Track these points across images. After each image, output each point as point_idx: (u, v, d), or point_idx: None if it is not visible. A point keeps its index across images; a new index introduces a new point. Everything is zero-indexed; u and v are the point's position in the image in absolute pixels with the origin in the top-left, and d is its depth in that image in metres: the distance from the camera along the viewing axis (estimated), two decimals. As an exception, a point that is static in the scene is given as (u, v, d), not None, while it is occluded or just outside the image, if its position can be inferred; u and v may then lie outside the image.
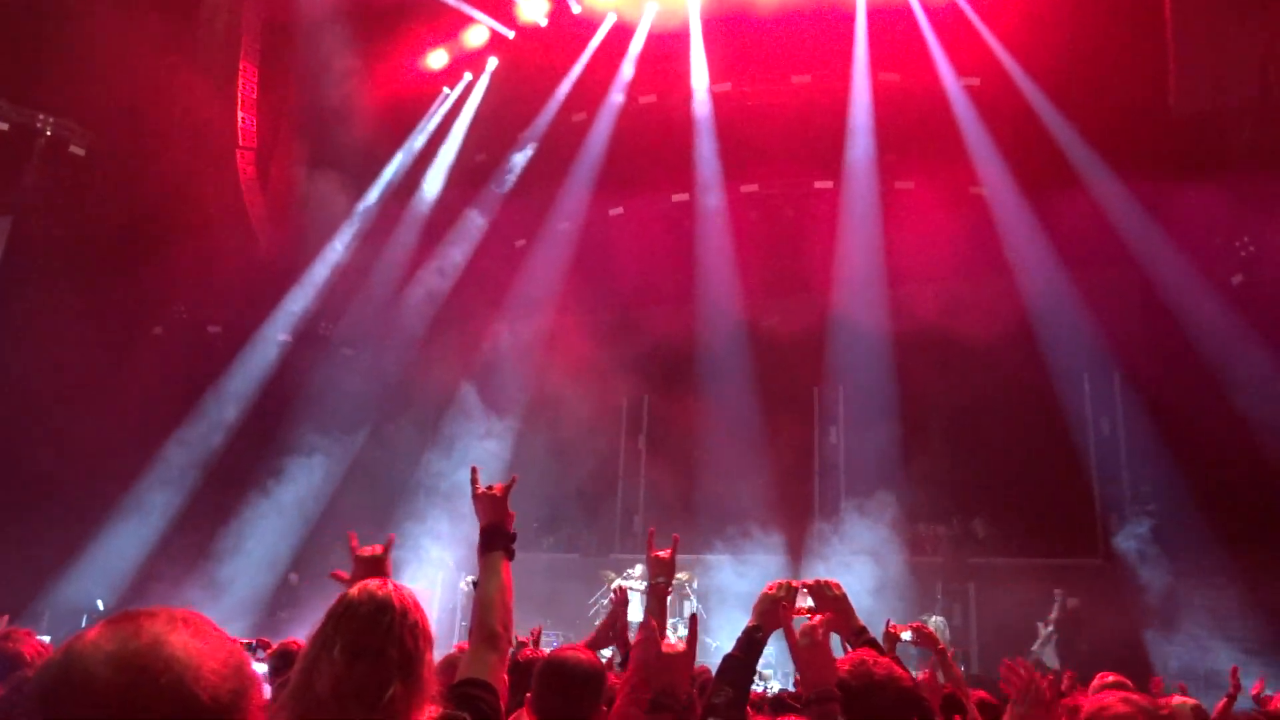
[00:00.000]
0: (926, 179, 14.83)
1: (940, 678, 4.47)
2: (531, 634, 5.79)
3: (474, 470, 2.82)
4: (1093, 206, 13.60)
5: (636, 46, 16.57)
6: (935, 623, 12.78)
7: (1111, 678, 4.67)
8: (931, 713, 2.78)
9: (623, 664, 3.42)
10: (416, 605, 2.01)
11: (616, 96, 16.70)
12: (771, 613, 3.04)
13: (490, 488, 2.75)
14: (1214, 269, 13.16)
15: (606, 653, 5.01)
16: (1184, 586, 12.62)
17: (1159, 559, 13.17)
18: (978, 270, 14.83)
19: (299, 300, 17.47)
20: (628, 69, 16.62)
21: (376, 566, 2.86)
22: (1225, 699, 5.59)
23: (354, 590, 2.00)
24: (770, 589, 3.01)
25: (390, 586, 2.00)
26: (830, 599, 3.50)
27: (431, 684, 1.98)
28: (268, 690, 4.91)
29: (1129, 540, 13.66)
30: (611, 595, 5.05)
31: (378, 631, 1.91)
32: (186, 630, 0.95)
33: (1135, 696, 2.15)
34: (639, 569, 14.94)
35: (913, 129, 15.06)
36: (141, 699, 0.89)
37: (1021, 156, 14.42)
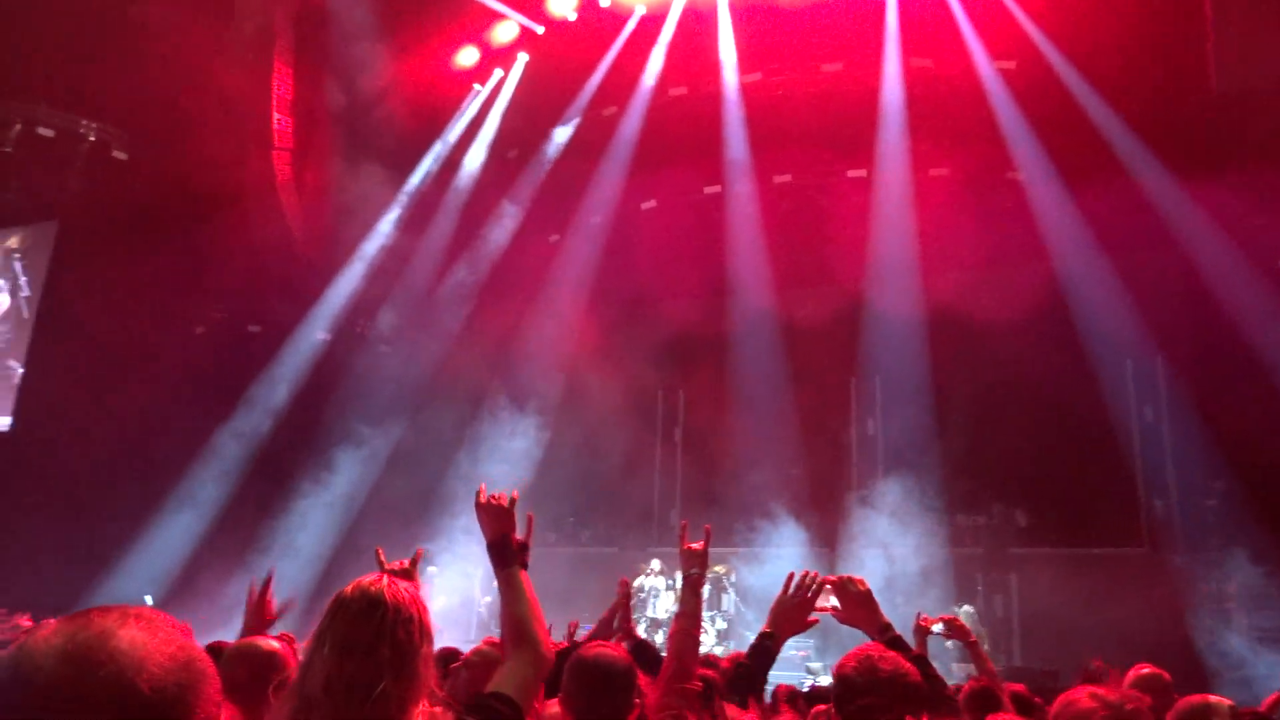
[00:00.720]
0: (961, 165, 14.64)
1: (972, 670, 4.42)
2: (569, 628, 5.82)
3: (481, 487, 2.75)
4: (1132, 189, 13.32)
5: (665, 38, 16.51)
6: (965, 613, 12.65)
7: (1146, 670, 4.54)
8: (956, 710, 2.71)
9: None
10: (414, 600, 2.01)
11: (646, 89, 16.66)
12: (787, 618, 2.97)
13: (494, 497, 2.67)
14: (1257, 251, 12.83)
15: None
16: (1229, 575, 12.35)
17: (1204, 547, 12.91)
18: (1015, 256, 14.61)
19: (336, 298, 17.69)
20: (657, 61, 16.57)
21: (405, 578, 2.88)
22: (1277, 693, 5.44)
23: (348, 588, 2.01)
24: (784, 592, 2.94)
25: (384, 582, 2.00)
26: (854, 595, 3.44)
27: (427, 680, 1.97)
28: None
29: (1174, 529, 13.43)
30: (616, 588, 5.04)
31: (369, 628, 1.92)
32: (136, 625, 0.97)
33: (1103, 691, 2.09)
34: (656, 564, 14.97)
35: (946, 115, 14.86)
36: (83, 690, 0.90)
37: (1058, 140, 14.16)
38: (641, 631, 12.97)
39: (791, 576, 3.14)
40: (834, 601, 3.42)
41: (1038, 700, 5.05)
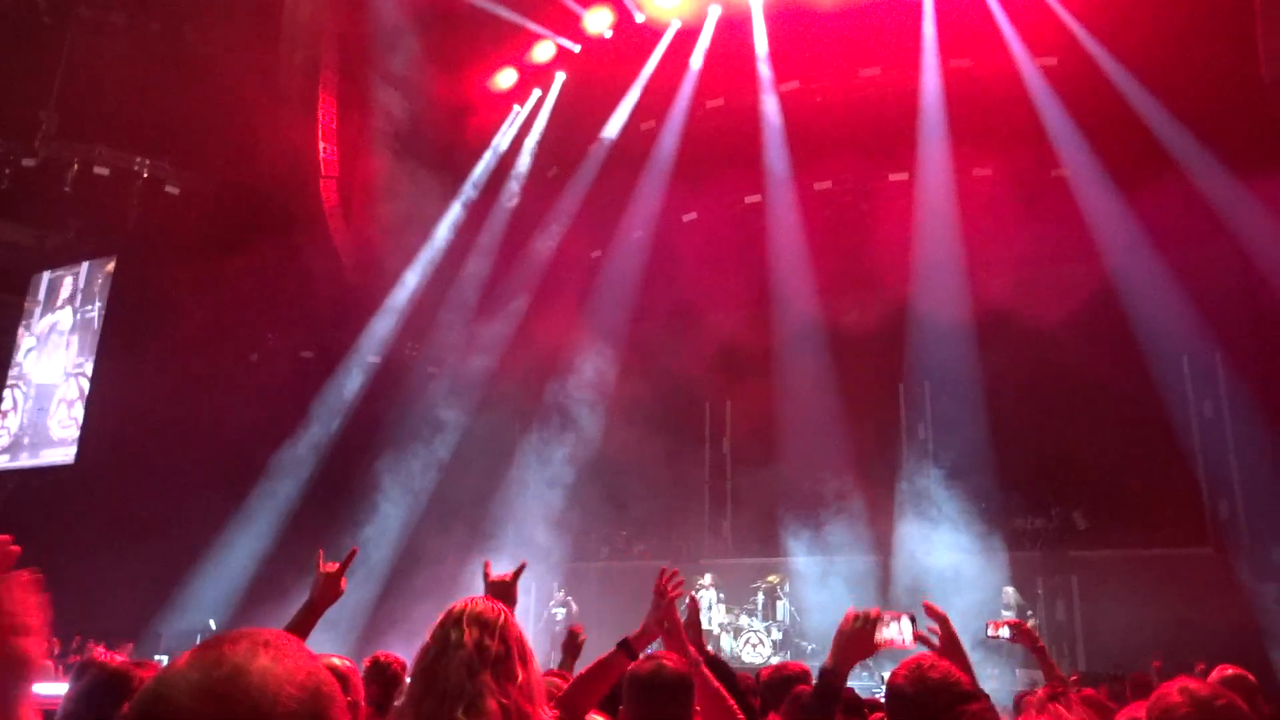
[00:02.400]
0: (1005, 165, 14.46)
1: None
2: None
3: (486, 563, 3.04)
4: (1182, 182, 13.05)
5: (701, 51, 16.56)
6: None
7: (1231, 671, 4.40)
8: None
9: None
10: (509, 616, 2.18)
11: (684, 102, 16.72)
12: (849, 649, 2.89)
13: (502, 578, 2.89)
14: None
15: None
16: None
17: (1271, 545, 12.58)
18: (1063, 255, 14.40)
19: (385, 321, 17.96)
20: (694, 74, 16.63)
21: (506, 591, 2.98)
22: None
23: (455, 607, 2.15)
24: (846, 623, 2.85)
25: (485, 603, 2.18)
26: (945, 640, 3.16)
27: (539, 689, 2.12)
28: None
29: (1238, 527, 13.10)
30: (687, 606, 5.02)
31: (483, 645, 2.07)
32: (266, 656, 0.99)
33: (1194, 685, 2.05)
34: (707, 577, 14.93)
35: (988, 115, 14.69)
36: None
37: (1104, 135, 13.93)
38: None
39: (851, 613, 3.01)
40: (903, 636, 3.18)
41: (1111, 705, 4.96)
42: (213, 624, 14.97)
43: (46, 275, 20.96)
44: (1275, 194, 12.37)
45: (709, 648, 12.87)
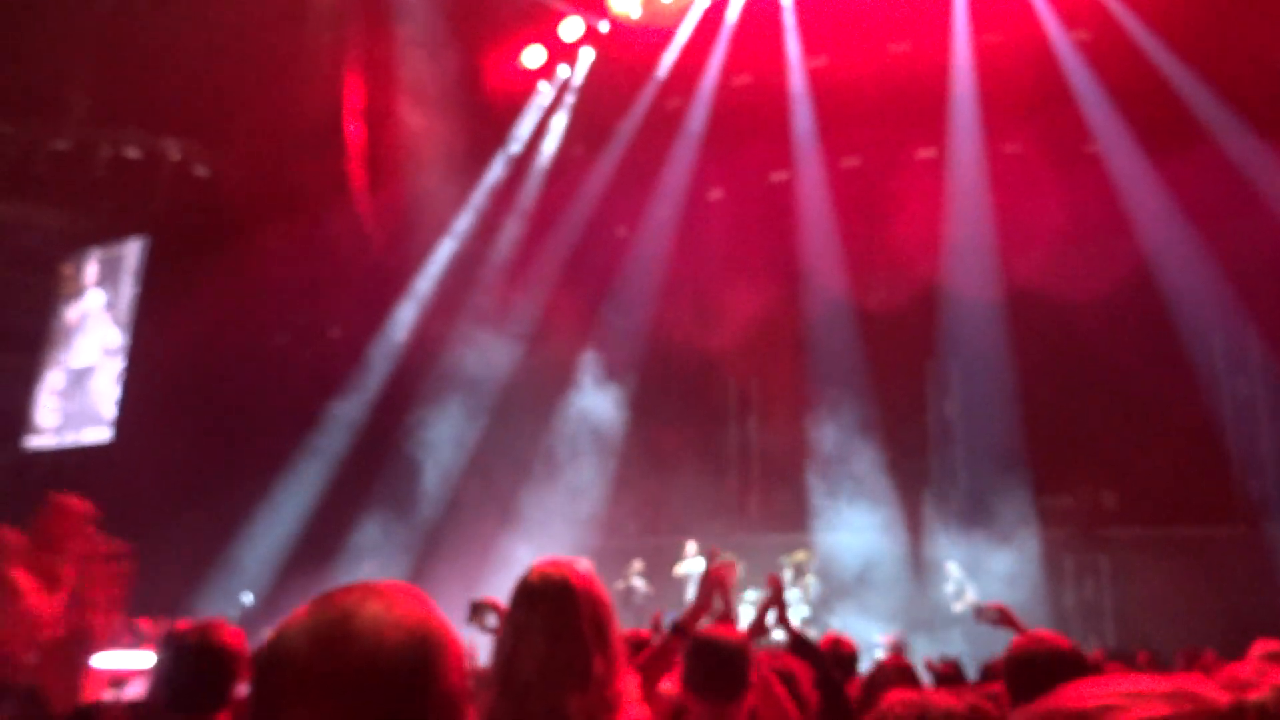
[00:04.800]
0: (1036, 141, 14.31)
1: None
2: (652, 620, 5.87)
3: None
4: (1217, 156, 12.87)
5: (729, 28, 16.47)
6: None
7: (1276, 646, 4.37)
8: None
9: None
10: (591, 578, 2.13)
11: (711, 79, 16.64)
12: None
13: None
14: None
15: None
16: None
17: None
18: (1094, 231, 14.24)
19: (413, 300, 18.06)
20: (721, 51, 16.54)
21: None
22: None
23: (531, 576, 2.11)
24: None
25: (563, 567, 2.11)
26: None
27: (624, 652, 2.09)
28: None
29: (1271, 504, 12.99)
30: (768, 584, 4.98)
31: (568, 611, 2.02)
32: (378, 603, 1.02)
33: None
34: (692, 546, 14.94)
35: (1020, 90, 14.52)
36: (330, 668, 0.97)
37: (1139, 109, 13.75)
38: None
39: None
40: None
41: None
42: (249, 599, 15.19)
43: (87, 256, 21.23)
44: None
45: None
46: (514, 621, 2.05)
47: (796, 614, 14.49)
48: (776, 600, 4.27)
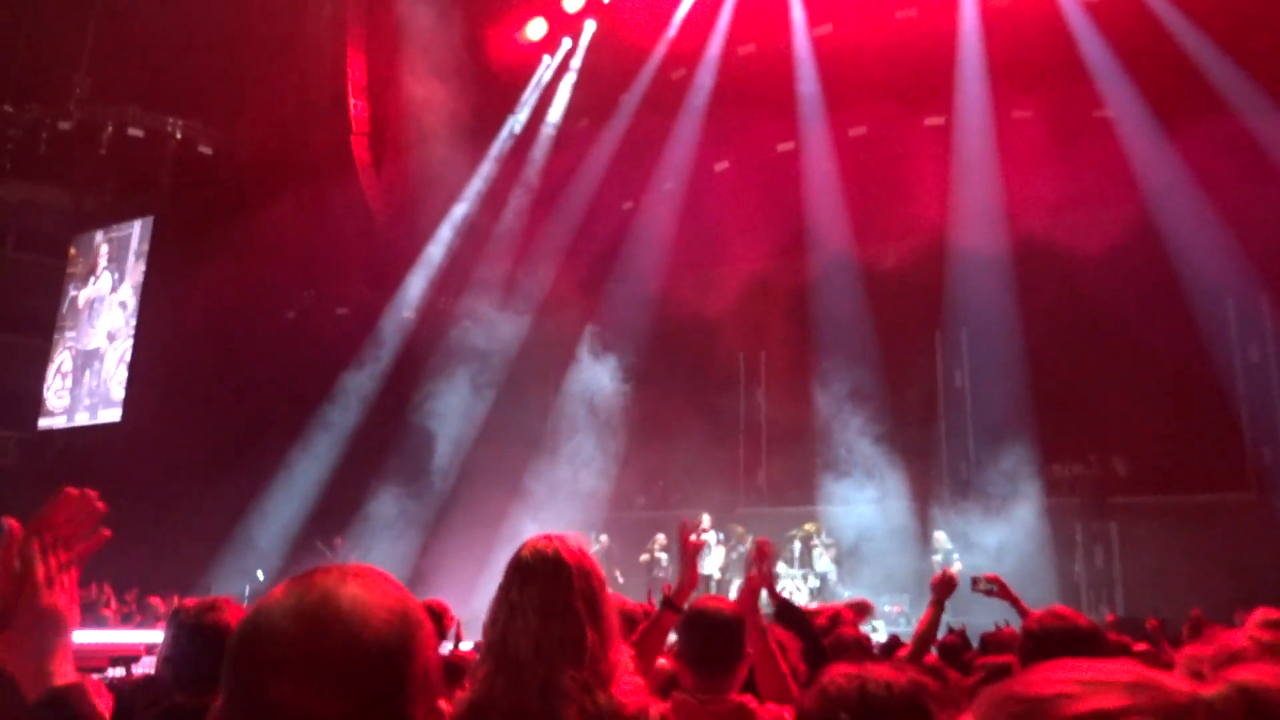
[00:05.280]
0: (1046, 106, 14.14)
1: None
2: (665, 590, 5.85)
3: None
4: (1228, 120, 12.70)
5: (733, -4, 16.30)
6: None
7: (1278, 614, 4.35)
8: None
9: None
10: (584, 552, 2.12)
11: (715, 49, 16.48)
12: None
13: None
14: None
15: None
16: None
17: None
18: (1105, 197, 14.11)
19: (420, 276, 18.04)
20: (725, 20, 16.37)
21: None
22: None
23: (524, 552, 2.11)
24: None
25: (556, 542, 2.11)
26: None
27: (618, 625, 2.09)
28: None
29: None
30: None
31: (562, 587, 2.03)
32: (356, 583, 1.03)
33: (1259, 633, 2.03)
34: (706, 519, 14.94)
35: (1028, 55, 14.34)
36: (316, 647, 0.97)
37: (1150, 72, 13.56)
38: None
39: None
40: None
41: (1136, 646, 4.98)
42: (260, 575, 15.31)
43: (95, 236, 21.25)
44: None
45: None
46: (507, 597, 2.05)
47: (805, 584, 14.55)
48: (768, 568, 4.26)
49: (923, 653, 4.11)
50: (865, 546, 14.29)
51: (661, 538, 15.04)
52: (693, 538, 3.24)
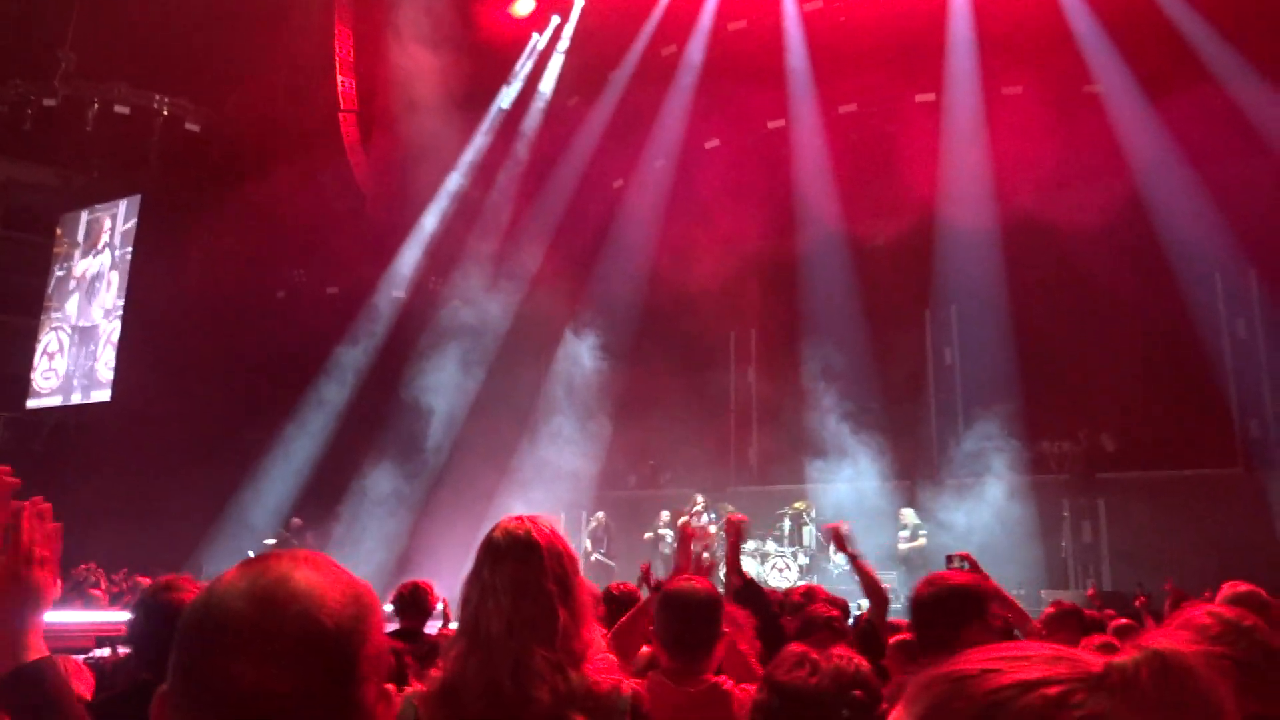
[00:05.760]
0: (1036, 82, 14.10)
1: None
2: (641, 569, 5.90)
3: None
4: (1218, 95, 12.68)
5: (722, -29, 16.18)
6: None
7: (1245, 587, 4.43)
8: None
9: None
10: (555, 533, 2.13)
11: (705, 25, 16.38)
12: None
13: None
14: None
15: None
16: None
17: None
18: (1095, 173, 14.11)
19: (409, 256, 17.98)
20: (715, -4, 16.27)
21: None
22: None
23: (496, 533, 2.12)
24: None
25: (528, 523, 2.13)
26: None
27: (590, 604, 2.12)
28: (393, 627, 5.21)
29: (1269, 447, 13.03)
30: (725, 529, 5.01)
31: (533, 567, 2.04)
32: (309, 567, 1.05)
33: (1221, 609, 2.04)
34: (700, 499, 14.99)
35: (1019, 31, 14.28)
36: (272, 628, 0.99)
37: (1139, 48, 13.53)
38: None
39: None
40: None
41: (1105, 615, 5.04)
42: (251, 555, 15.32)
43: (83, 215, 21.10)
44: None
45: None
46: (480, 578, 2.06)
47: (795, 562, 14.64)
48: (734, 543, 4.28)
49: (883, 613, 4.12)
50: (855, 524, 14.32)
51: (665, 514, 15.09)
52: (693, 525, 3.30)
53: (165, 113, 19.80)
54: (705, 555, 4.90)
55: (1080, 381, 14.34)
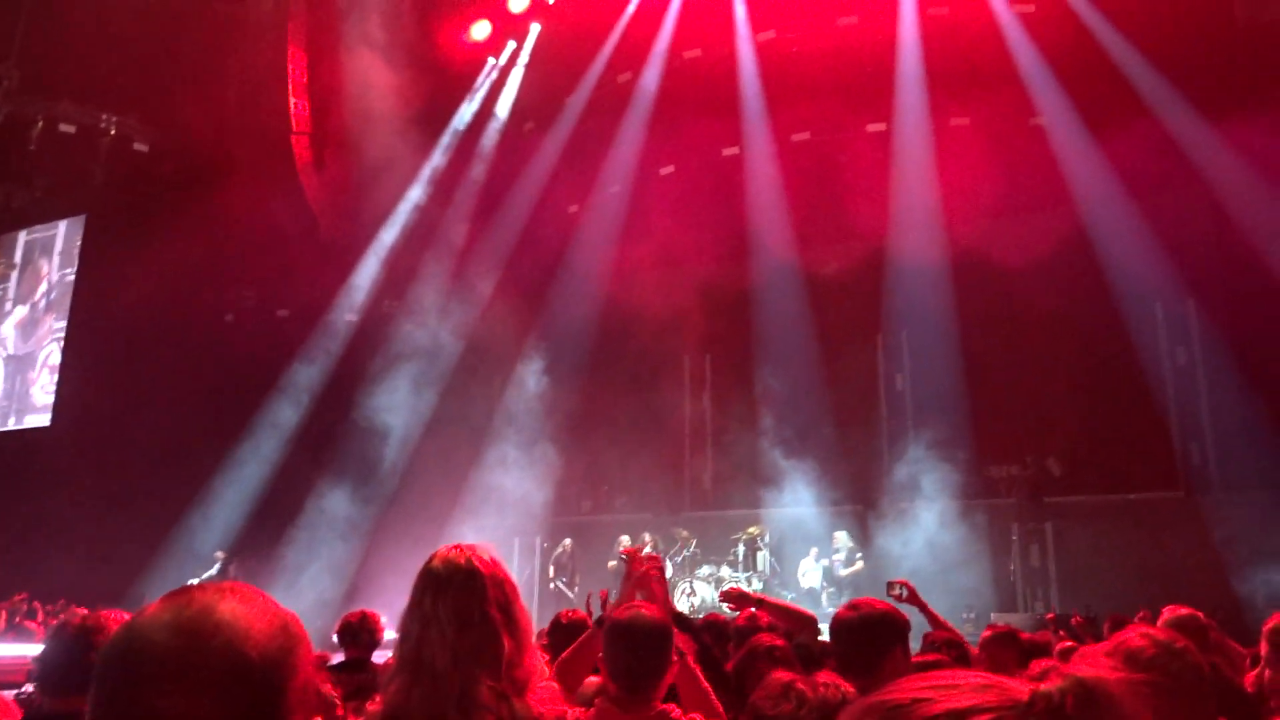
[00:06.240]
0: (982, 114, 14.43)
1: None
2: (601, 596, 5.85)
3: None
4: (1157, 129, 13.09)
5: (677, 1, 16.36)
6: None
7: (1185, 611, 4.53)
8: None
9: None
10: (495, 561, 2.12)
11: (660, 53, 16.54)
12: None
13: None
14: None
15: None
16: (1269, 518, 12.26)
17: (1240, 489, 12.83)
18: (1040, 203, 14.45)
19: (362, 279, 17.82)
20: (670, 25, 16.44)
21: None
22: None
23: (435, 562, 2.10)
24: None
25: (467, 551, 2.10)
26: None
27: (530, 631, 2.10)
28: (339, 658, 5.11)
29: (1209, 472, 13.35)
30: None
31: (475, 596, 2.02)
32: (234, 598, 1.03)
33: (1153, 631, 2.09)
34: (646, 536, 15.02)
35: (965, 64, 14.62)
36: (196, 660, 0.97)
37: (1081, 83, 13.92)
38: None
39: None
40: None
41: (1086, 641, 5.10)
42: (220, 555, 15.02)
43: (22, 236, 20.64)
44: (1247, 140, 12.43)
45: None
46: (420, 609, 2.03)
47: (749, 586, 14.64)
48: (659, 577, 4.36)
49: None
50: (806, 548, 14.42)
51: (625, 539, 15.04)
52: (641, 554, 3.32)
53: (112, 131, 19.48)
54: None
55: (1027, 407, 14.61)
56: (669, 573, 14.46)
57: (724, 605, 4.91)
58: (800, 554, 14.49)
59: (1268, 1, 12.85)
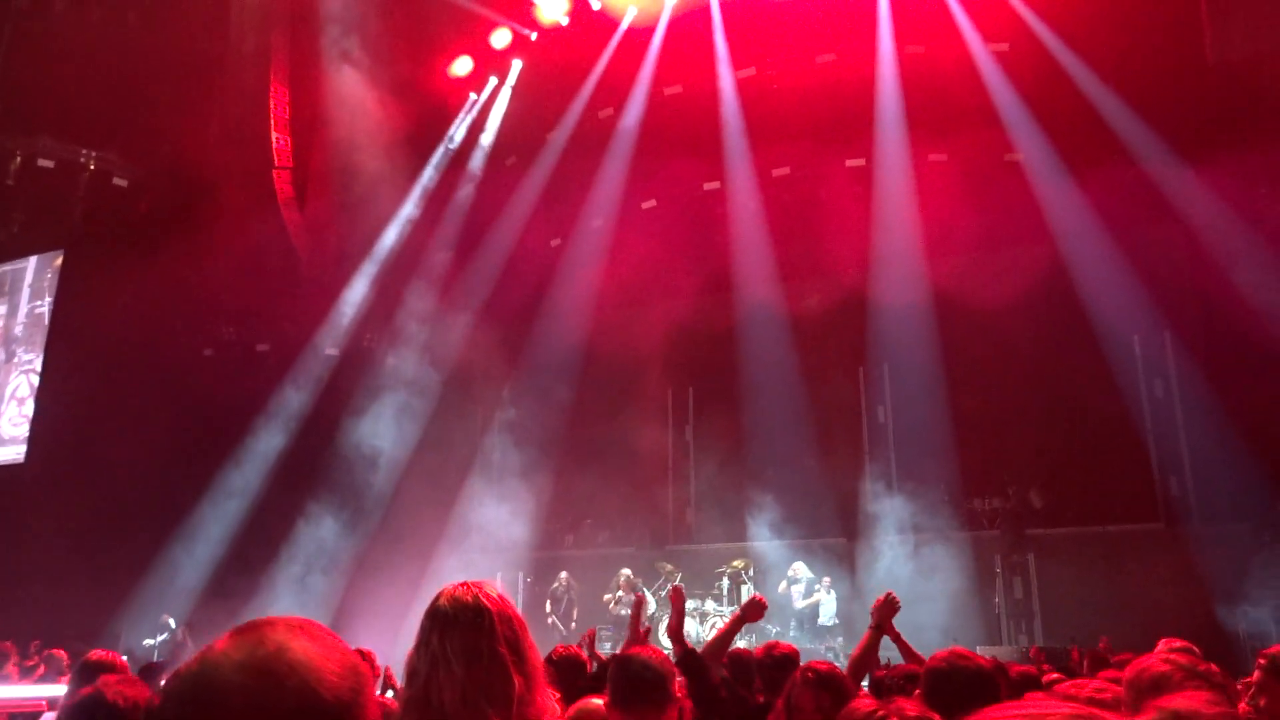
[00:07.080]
0: (959, 150, 14.64)
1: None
2: (586, 636, 5.84)
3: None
4: (1131, 166, 13.33)
5: (658, 38, 16.55)
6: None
7: (1179, 643, 4.53)
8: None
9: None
10: (503, 598, 2.09)
11: (642, 89, 16.70)
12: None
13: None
14: (1263, 223, 12.83)
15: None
16: (1248, 549, 12.37)
17: (1219, 520, 12.95)
18: (1018, 238, 14.63)
19: (343, 314, 17.75)
20: (651, 61, 16.62)
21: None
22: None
23: (442, 601, 2.07)
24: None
25: (474, 588, 2.08)
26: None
27: (541, 668, 2.07)
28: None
29: (1188, 503, 13.47)
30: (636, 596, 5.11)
31: (483, 633, 1.99)
32: (305, 636, 1.03)
33: (1176, 656, 2.10)
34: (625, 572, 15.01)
35: (943, 101, 14.85)
36: (270, 700, 0.96)
37: (1056, 120, 14.17)
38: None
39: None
40: None
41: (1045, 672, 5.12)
42: (172, 622, 14.76)
43: (-9, 273, 20.46)
44: (1220, 178, 12.68)
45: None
46: (428, 647, 2.00)
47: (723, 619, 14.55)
48: (679, 609, 4.53)
49: (859, 679, 4.22)
50: (789, 582, 14.40)
51: (626, 572, 14.98)
52: (624, 598, 3.39)
53: (92, 166, 19.41)
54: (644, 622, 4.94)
55: (1008, 439, 14.71)
56: (652, 608, 14.40)
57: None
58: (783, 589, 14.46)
59: (1236, 42, 13.14)
